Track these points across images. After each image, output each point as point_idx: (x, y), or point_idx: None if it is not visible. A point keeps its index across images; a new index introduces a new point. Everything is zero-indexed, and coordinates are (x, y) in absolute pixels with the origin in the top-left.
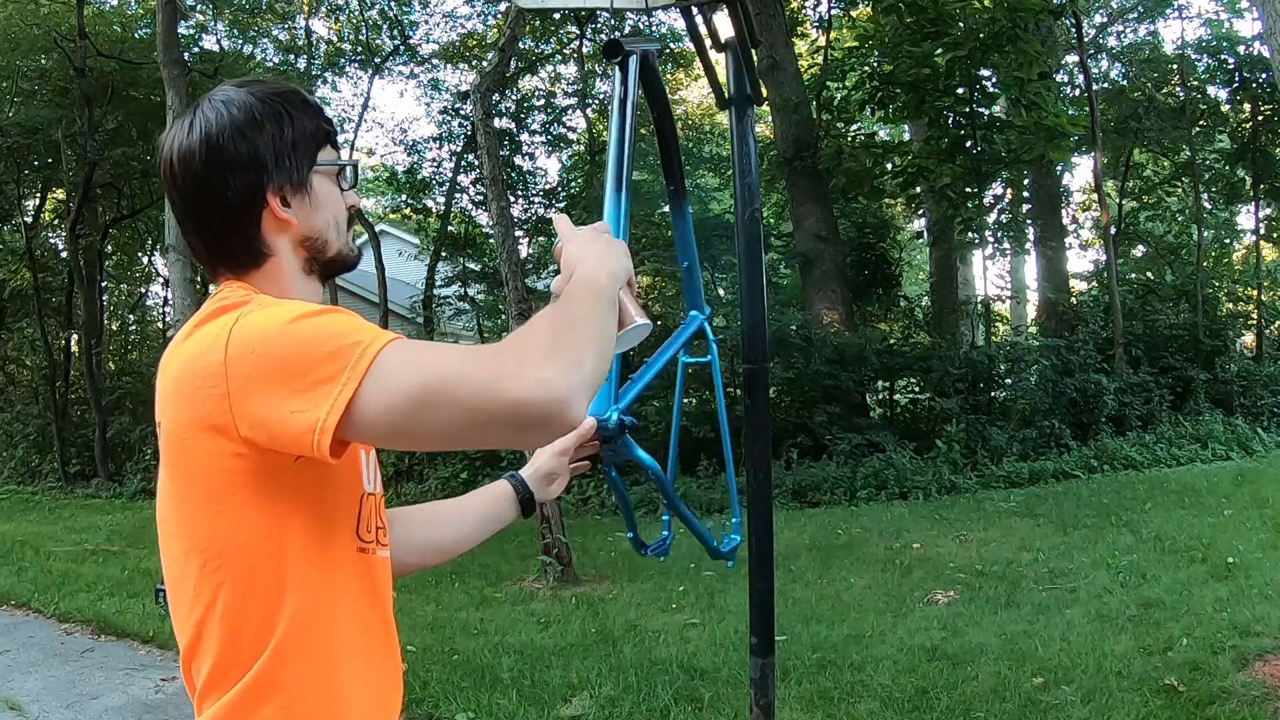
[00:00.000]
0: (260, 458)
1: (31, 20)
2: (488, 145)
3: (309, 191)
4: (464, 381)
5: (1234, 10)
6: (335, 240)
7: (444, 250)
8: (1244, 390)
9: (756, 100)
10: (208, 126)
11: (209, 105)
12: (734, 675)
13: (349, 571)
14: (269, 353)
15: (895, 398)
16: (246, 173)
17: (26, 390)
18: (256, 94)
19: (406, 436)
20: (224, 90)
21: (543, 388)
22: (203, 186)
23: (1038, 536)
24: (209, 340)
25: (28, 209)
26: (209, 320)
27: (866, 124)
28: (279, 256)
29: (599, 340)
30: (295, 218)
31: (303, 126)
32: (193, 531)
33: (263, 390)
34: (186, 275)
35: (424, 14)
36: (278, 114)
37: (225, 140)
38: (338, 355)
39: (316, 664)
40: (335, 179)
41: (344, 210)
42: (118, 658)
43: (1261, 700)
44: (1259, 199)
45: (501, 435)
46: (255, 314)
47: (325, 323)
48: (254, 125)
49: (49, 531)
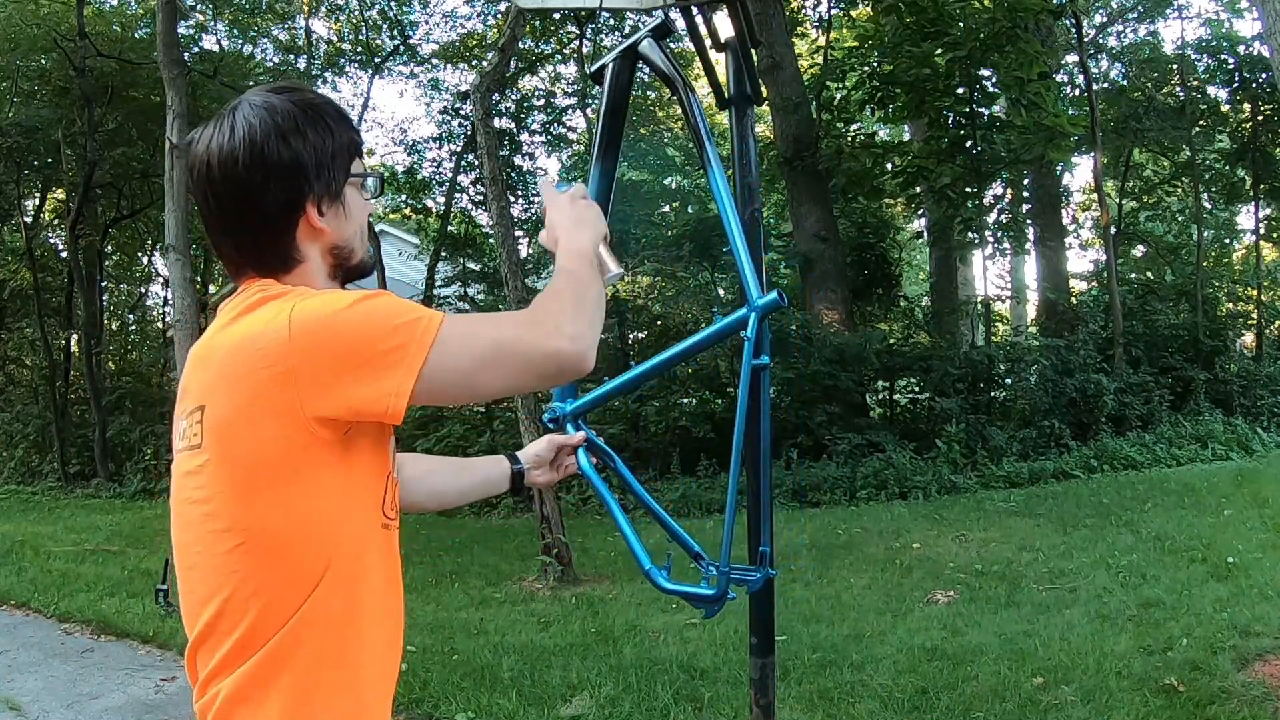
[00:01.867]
0: (324, 432)
1: (31, 20)
2: (488, 145)
3: (343, 202)
4: (520, 341)
5: (1234, 10)
6: (359, 249)
7: (444, 250)
8: (1244, 390)
9: (756, 100)
10: (251, 131)
11: (250, 109)
12: (734, 675)
13: (376, 546)
14: (339, 331)
15: (895, 398)
16: (289, 180)
17: (26, 390)
18: (297, 102)
19: (469, 392)
20: (262, 95)
21: (575, 342)
22: (243, 190)
23: (1038, 536)
24: (263, 324)
25: (28, 209)
26: (256, 308)
27: (866, 124)
28: (309, 263)
29: (600, 299)
30: (329, 226)
31: (340, 137)
32: (238, 513)
33: (339, 367)
34: (186, 275)
35: (424, 14)
36: (319, 123)
37: (271, 145)
38: (403, 329)
39: (340, 635)
40: (360, 189)
41: (366, 219)
42: (118, 658)
43: (1261, 700)
44: (1259, 199)
45: (544, 381)
46: (312, 299)
47: (383, 304)
48: (297, 133)
49: (49, 531)
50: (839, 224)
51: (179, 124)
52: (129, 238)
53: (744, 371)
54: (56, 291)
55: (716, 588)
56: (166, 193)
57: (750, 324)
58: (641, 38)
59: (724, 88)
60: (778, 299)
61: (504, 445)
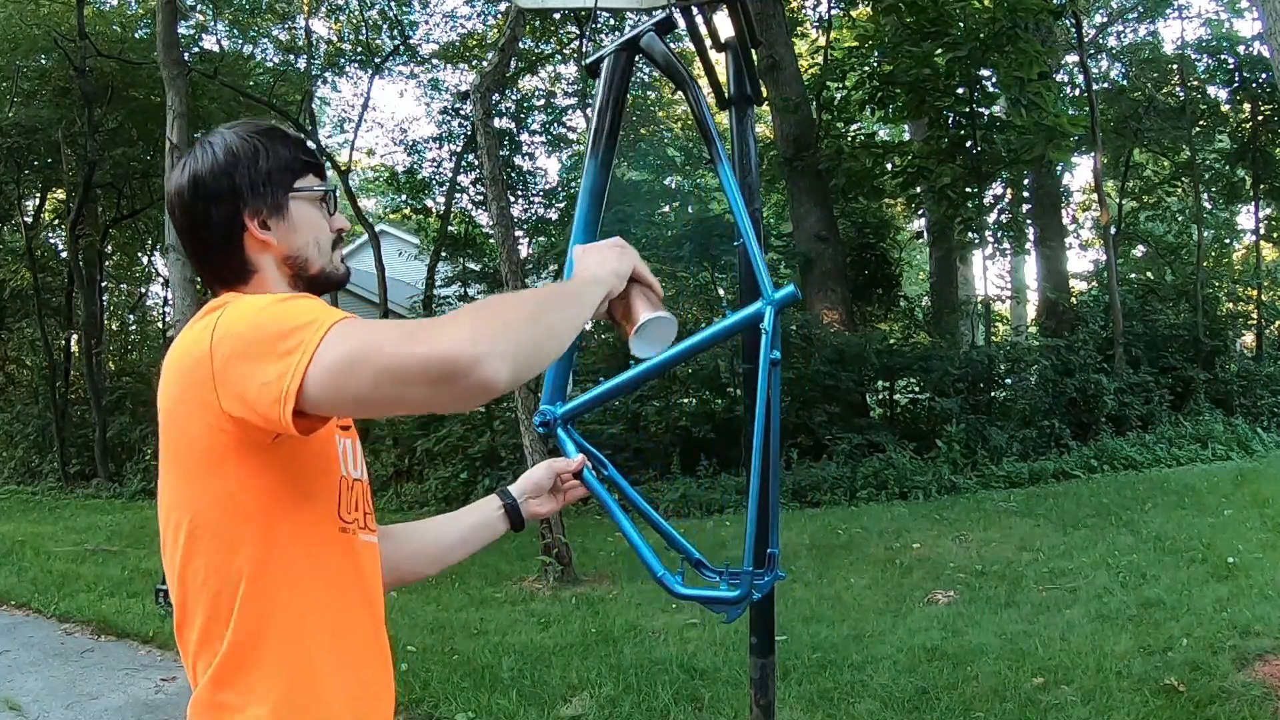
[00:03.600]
0: (242, 432)
1: (31, 20)
2: (488, 145)
3: (286, 215)
4: (386, 343)
5: (1234, 10)
6: (317, 259)
7: (444, 250)
8: (1244, 390)
9: (756, 100)
10: (195, 166)
11: (200, 147)
12: (734, 675)
13: (330, 548)
14: (243, 332)
15: (895, 398)
16: (225, 203)
17: (26, 390)
18: (239, 133)
19: (350, 403)
20: (214, 133)
21: (453, 345)
22: (192, 216)
23: (1038, 536)
24: (198, 332)
25: (28, 209)
26: (201, 318)
27: (866, 124)
28: (264, 273)
29: (536, 317)
30: (274, 239)
31: (279, 157)
32: (179, 498)
33: (238, 364)
34: (186, 275)
35: (424, 14)
36: (254, 149)
37: (205, 176)
38: (297, 331)
39: (294, 629)
40: (320, 205)
41: (327, 232)
42: (118, 658)
43: (1261, 700)
44: (1259, 199)
45: (420, 393)
46: (236, 304)
47: (291, 306)
48: (232, 159)
49: (49, 531)
50: (839, 224)
51: (179, 124)
52: (129, 238)
53: (763, 365)
54: (56, 291)
55: (740, 589)
56: (166, 193)
57: (767, 317)
58: (644, 31)
59: (724, 88)
60: (794, 292)
61: (504, 445)
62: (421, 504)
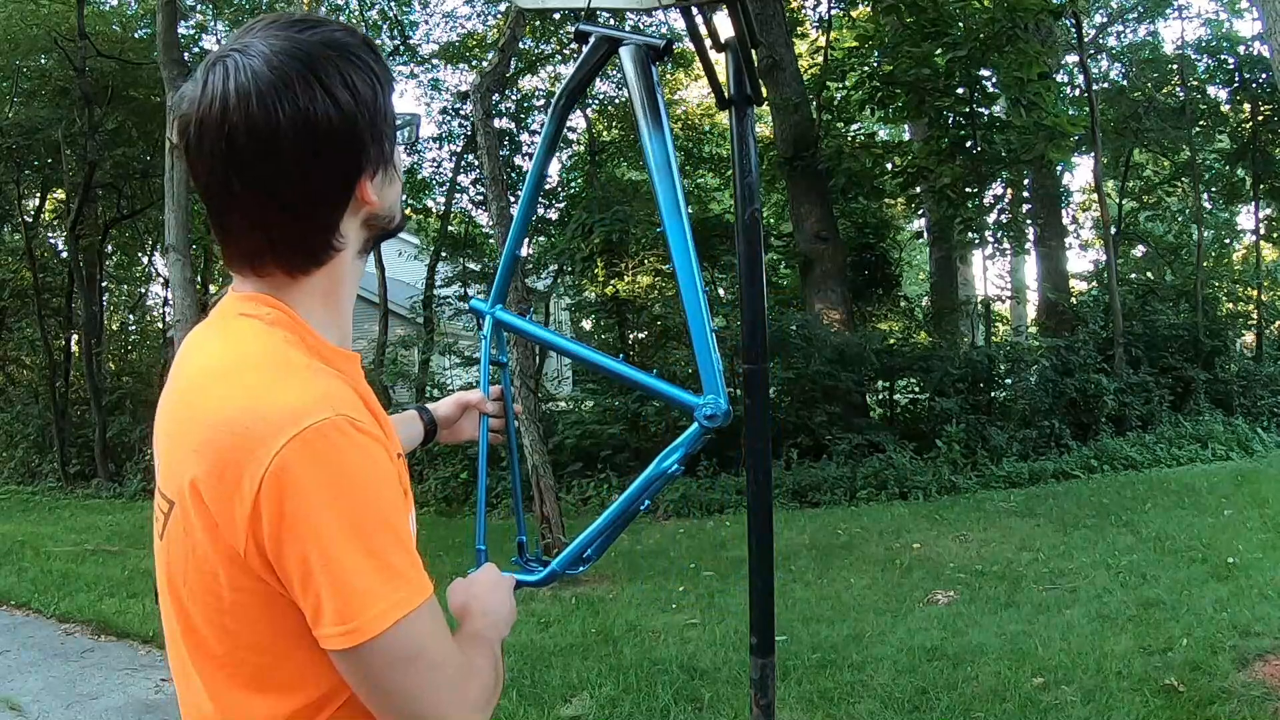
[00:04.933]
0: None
1: (31, 20)
2: (488, 145)
3: (392, 163)
4: (435, 677)
5: (1234, 10)
6: (399, 211)
7: (444, 250)
8: (1244, 390)
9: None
10: (291, 89)
11: (276, 57)
12: (734, 675)
13: None
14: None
15: (895, 398)
16: (345, 149)
17: (26, 390)
18: (330, 43)
19: (368, 688)
20: (284, 37)
21: None
22: (288, 164)
23: (1038, 536)
24: (260, 415)
25: (28, 209)
26: (256, 365)
27: (866, 124)
28: (346, 250)
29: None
30: (379, 197)
31: (386, 84)
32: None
33: (303, 560)
34: (186, 275)
35: (424, 14)
36: (363, 69)
37: (319, 108)
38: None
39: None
40: None
41: None
42: (118, 658)
43: (1261, 700)
44: (1259, 199)
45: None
46: (332, 472)
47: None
48: (346, 88)
49: (49, 531)
50: (839, 224)
51: None
52: (129, 238)
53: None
54: (56, 292)
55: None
56: (166, 193)
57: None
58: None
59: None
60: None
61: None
62: (421, 504)
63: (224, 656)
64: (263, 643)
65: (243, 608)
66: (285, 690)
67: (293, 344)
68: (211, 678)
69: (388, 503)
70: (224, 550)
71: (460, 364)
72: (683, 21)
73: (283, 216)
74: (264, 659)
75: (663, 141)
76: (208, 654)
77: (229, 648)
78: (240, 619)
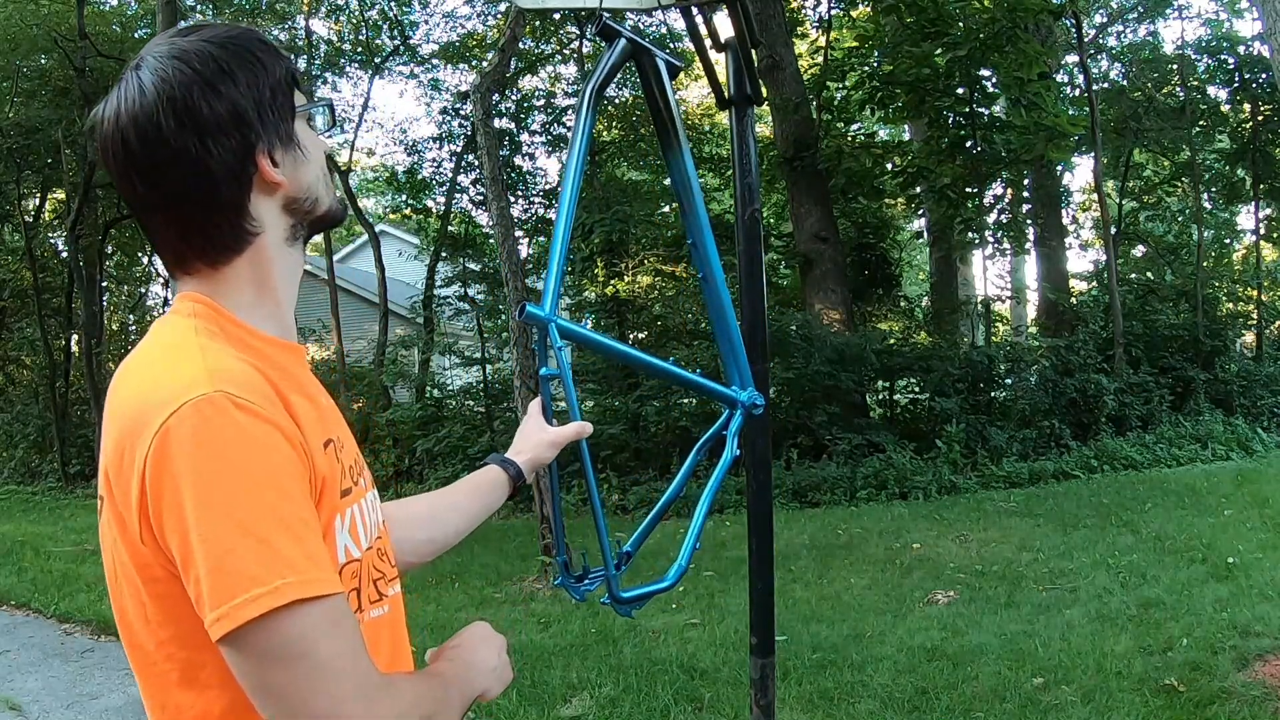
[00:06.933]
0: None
1: (31, 20)
2: (488, 145)
3: (296, 144)
4: (344, 678)
5: (1234, 10)
6: (325, 195)
7: (444, 250)
8: (1244, 390)
9: (756, 100)
10: (168, 88)
11: (158, 63)
12: (734, 675)
13: None
14: (206, 523)
15: (895, 398)
16: (231, 135)
17: (26, 390)
18: (212, 40)
19: (251, 684)
20: (167, 43)
21: None
22: (177, 160)
23: (1038, 536)
24: (151, 397)
25: (28, 209)
26: (161, 354)
27: (866, 124)
28: (265, 234)
29: None
30: (286, 178)
31: (275, 70)
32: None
33: (183, 539)
34: None
35: (424, 14)
36: (246, 59)
37: (197, 100)
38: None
39: None
40: (307, 123)
41: (323, 157)
42: (118, 658)
43: (1261, 700)
44: (1259, 199)
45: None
46: (202, 448)
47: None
48: (225, 75)
49: (49, 531)
50: (839, 224)
51: None
52: (129, 238)
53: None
54: (56, 292)
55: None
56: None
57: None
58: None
59: (724, 88)
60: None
61: (503, 445)
62: None
63: (154, 651)
64: (185, 635)
65: (159, 599)
66: (216, 686)
67: (204, 331)
68: (146, 675)
69: (273, 488)
70: (132, 538)
71: (460, 364)
72: (683, 21)
73: (186, 207)
74: (190, 653)
75: (686, 155)
76: (142, 650)
77: (158, 641)
78: (163, 611)
